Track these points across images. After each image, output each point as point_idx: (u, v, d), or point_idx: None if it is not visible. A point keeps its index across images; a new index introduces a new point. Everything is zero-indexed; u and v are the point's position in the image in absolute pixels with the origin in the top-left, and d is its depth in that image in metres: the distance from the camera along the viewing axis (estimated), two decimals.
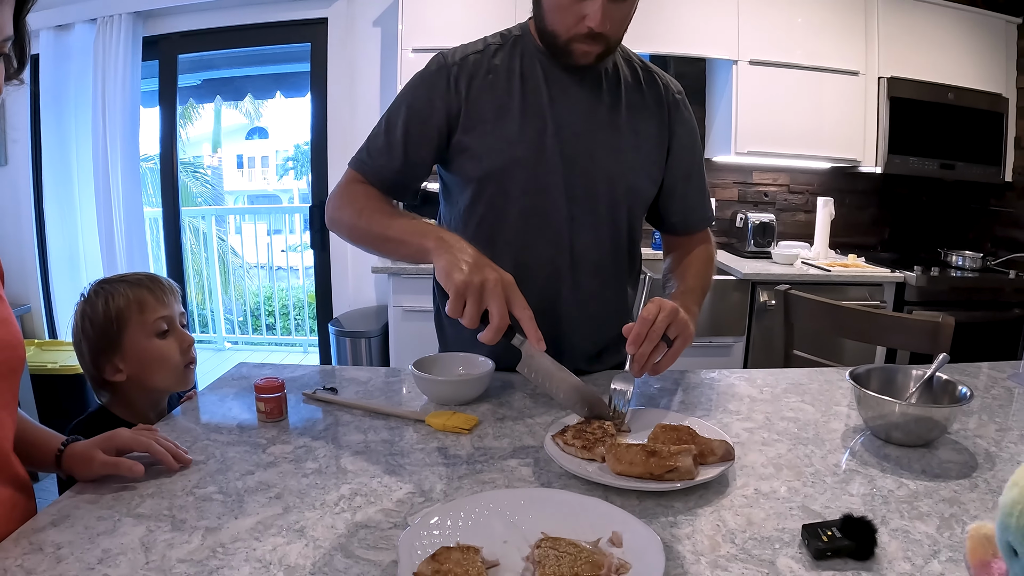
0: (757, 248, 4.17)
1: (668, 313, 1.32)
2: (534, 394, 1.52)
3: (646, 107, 1.65)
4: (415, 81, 1.59)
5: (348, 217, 1.54)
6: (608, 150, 1.59)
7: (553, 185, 1.56)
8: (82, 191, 4.56)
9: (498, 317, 1.17)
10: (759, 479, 1.13)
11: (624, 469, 1.08)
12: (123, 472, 1.09)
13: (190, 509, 1.02)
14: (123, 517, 1.00)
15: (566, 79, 1.56)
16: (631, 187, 1.64)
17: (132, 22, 4.26)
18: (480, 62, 1.57)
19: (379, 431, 1.32)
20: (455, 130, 1.56)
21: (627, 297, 1.77)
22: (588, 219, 1.60)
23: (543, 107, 1.54)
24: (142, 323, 1.46)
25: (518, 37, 1.61)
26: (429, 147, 1.57)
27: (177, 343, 1.50)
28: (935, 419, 1.26)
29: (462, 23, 3.53)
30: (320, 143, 4.40)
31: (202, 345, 6.51)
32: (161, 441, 1.15)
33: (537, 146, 1.54)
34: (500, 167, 1.55)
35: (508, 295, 1.19)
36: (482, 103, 1.55)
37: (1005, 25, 4.22)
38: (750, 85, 3.94)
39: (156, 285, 1.52)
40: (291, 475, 1.13)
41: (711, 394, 1.56)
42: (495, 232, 1.59)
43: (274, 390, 1.35)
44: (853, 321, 2.26)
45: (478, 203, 1.59)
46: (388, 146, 1.57)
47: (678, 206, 1.75)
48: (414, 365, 1.47)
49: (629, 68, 1.66)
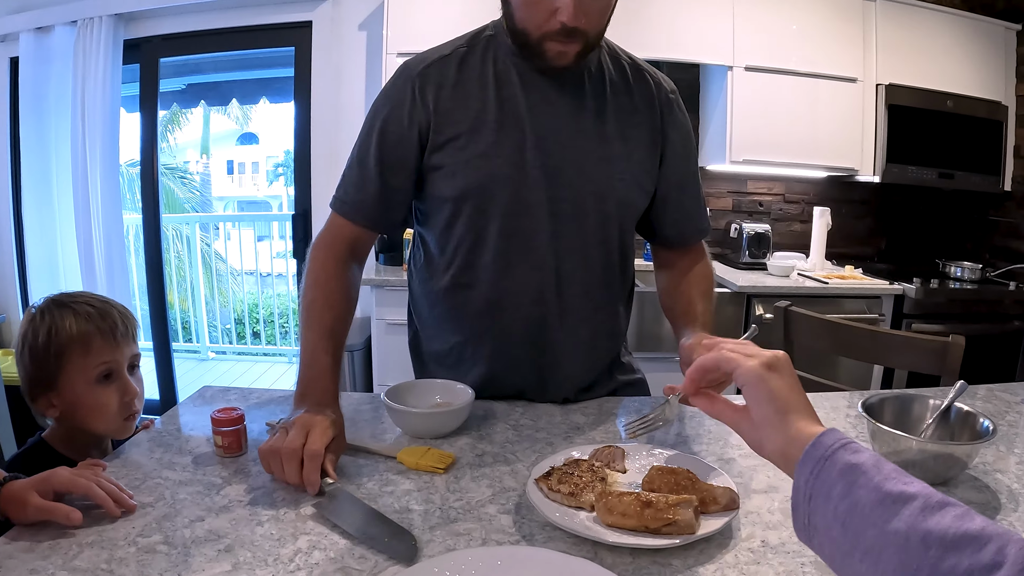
0: (752, 259, 4.07)
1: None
2: (517, 426, 1.41)
3: (636, 110, 1.49)
4: (381, 99, 1.47)
5: (302, 296, 1.41)
6: (595, 161, 1.44)
7: (535, 202, 1.42)
8: (61, 197, 4.45)
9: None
10: (766, 528, 1.02)
11: (616, 521, 0.96)
12: (59, 519, 0.97)
13: (130, 563, 0.91)
14: (57, 571, 0.89)
15: (545, 83, 1.41)
16: (622, 201, 1.49)
17: (113, 24, 4.15)
18: (447, 69, 1.43)
19: (345, 469, 1.20)
20: (425, 146, 1.43)
21: (620, 320, 1.64)
22: (575, 238, 1.46)
23: (521, 116, 1.40)
24: (83, 366, 1.34)
25: (490, 37, 1.46)
26: (408, 171, 1.44)
27: (118, 393, 1.37)
28: (956, 456, 1.15)
29: (448, 27, 3.30)
30: (304, 149, 4.29)
31: (186, 355, 6.40)
32: (103, 484, 1.03)
33: (516, 160, 1.40)
34: (477, 185, 1.41)
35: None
36: (454, 115, 1.41)
37: (1004, 32, 4.16)
38: (745, 92, 3.85)
39: (107, 322, 1.38)
40: (244, 523, 1.01)
41: (709, 424, 1.44)
42: (473, 256, 1.46)
43: (232, 423, 1.23)
44: (857, 340, 2.16)
45: (455, 225, 1.46)
46: (363, 180, 1.45)
47: (672, 216, 1.60)
48: (387, 394, 1.35)
49: (616, 66, 1.51)
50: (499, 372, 1.53)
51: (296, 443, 1.10)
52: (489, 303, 1.47)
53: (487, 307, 1.48)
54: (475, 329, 1.51)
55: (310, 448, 1.10)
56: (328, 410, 1.20)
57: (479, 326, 1.51)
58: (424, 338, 1.65)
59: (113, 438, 1.42)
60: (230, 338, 6.76)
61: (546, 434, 1.37)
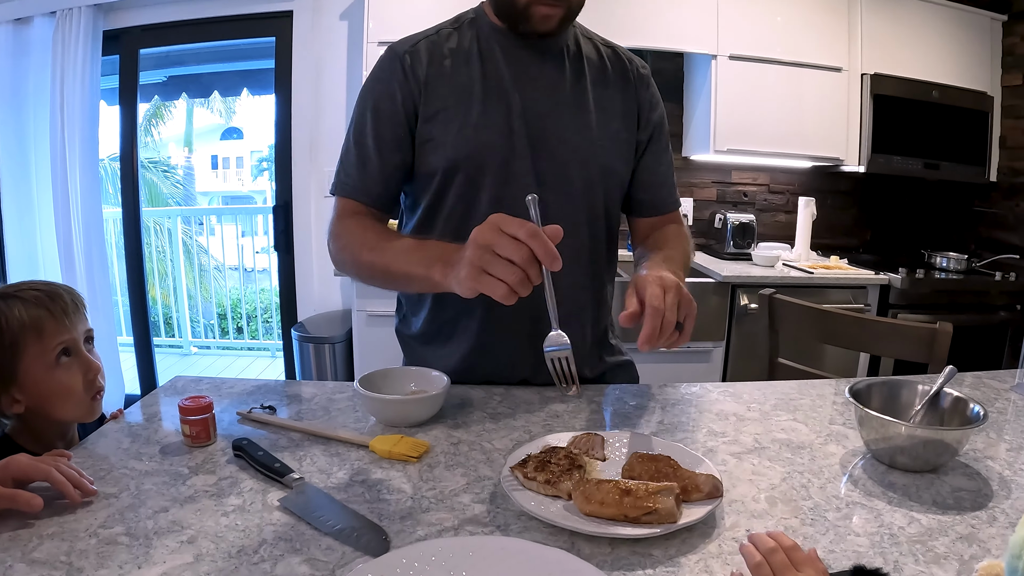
0: (736, 250, 4.05)
1: (675, 293, 1.16)
2: (494, 413, 1.37)
3: (611, 82, 1.55)
4: (370, 82, 1.48)
5: (352, 255, 1.40)
6: (576, 129, 1.48)
7: (522, 171, 1.43)
8: (40, 191, 4.37)
9: (526, 254, 1.03)
10: (751, 517, 0.98)
11: (594, 510, 0.92)
12: (20, 506, 0.94)
13: (90, 555, 0.87)
14: (16, 563, 0.85)
15: (527, 57, 1.46)
16: (604, 167, 1.52)
17: (92, 15, 4.08)
18: (434, 47, 1.46)
19: (316, 458, 1.15)
20: (416, 121, 1.44)
21: (606, 292, 1.64)
22: (562, 206, 1.45)
23: (506, 88, 1.44)
24: (41, 351, 1.28)
25: (472, 19, 1.51)
26: (404, 146, 1.45)
27: (81, 371, 1.32)
28: (946, 442, 1.12)
29: (429, 17, 3.31)
30: (285, 141, 4.23)
31: (168, 350, 6.34)
32: (63, 469, 1.00)
33: (504, 130, 1.43)
34: (467, 155, 1.42)
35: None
36: (441, 89, 1.43)
37: (990, 22, 4.15)
38: (730, 81, 3.82)
39: (56, 303, 1.32)
40: (209, 513, 0.97)
41: (692, 412, 1.41)
42: (463, 227, 1.42)
43: (200, 411, 1.19)
44: (844, 328, 2.13)
45: (444, 196, 1.46)
46: (362, 160, 1.45)
47: (646, 180, 1.62)
48: (360, 382, 1.31)
49: (590, 45, 1.57)
50: (490, 345, 1.52)
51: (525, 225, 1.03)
52: None
53: None
54: (465, 302, 1.48)
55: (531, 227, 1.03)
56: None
57: (469, 299, 1.48)
58: (413, 320, 1.63)
59: (83, 421, 1.37)
60: (213, 333, 6.70)
61: (524, 422, 1.33)
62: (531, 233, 1.01)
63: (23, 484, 0.98)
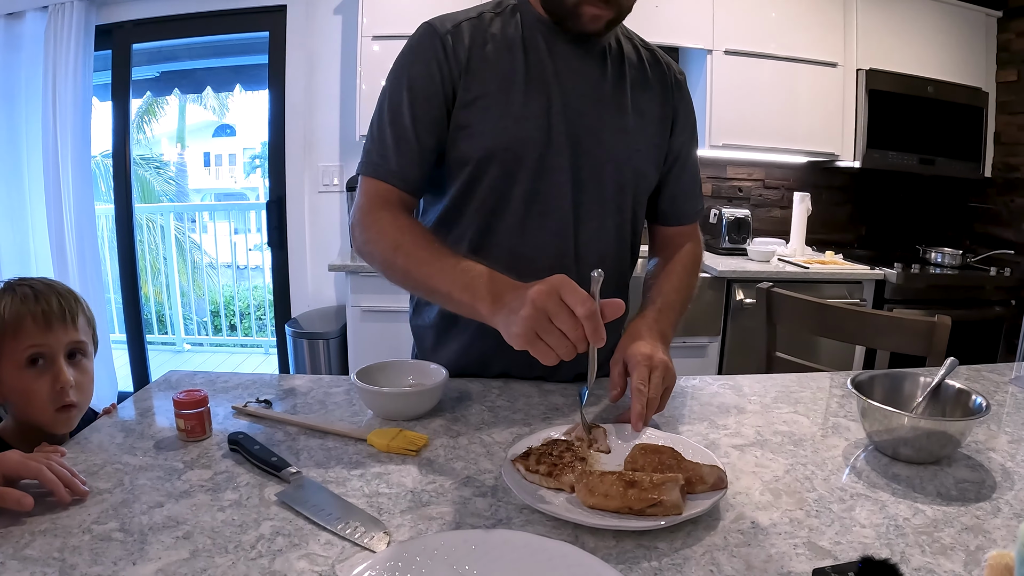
0: (732, 245, 4.06)
1: (660, 372, 1.22)
2: (493, 407, 1.36)
3: (650, 87, 1.52)
4: (407, 57, 1.41)
5: (382, 253, 1.34)
6: (614, 130, 1.45)
7: (558, 167, 1.40)
8: (32, 187, 4.35)
9: (578, 326, 1.00)
10: (756, 509, 0.97)
11: (598, 502, 0.91)
12: (10, 505, 0.92)
13: (84, 551, 0.85)
14: (8, 560, 0.83)
15: (570, 51, 1.42)
16: (637, 171, 1.50)
17: (84, 9, 4.05)
18: (477, 29, 1.41)
19: (313, 452, 1.14)
20: (453, 104, 1.39)
21: (628, 293, 1.63)
22: (594, 206, 1.45)
23: (548, 81, 1.40)
24: (13, 350, 1.28)
25: (515, 6, 1.46)
26: (441, 128, 1.40)
27: (49, 381, 1.30)
28: (949, 433, 1.11)
29: (425, 10, 3.33)
30: (278, 136, 4.22)
31: (161, 348, 6.31)
32: (55, 467, 0.98)
33: (544, 124, 1.39)
34: (505, 146, 1.38)
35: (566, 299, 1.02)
36: (483, 74, 1.38)
37: (986, 18, 4.16)
38: (725, 76, 3.83)
39: (40, 305, 1.31)
40: (205, 508, 0.96)
41: (694, 405, 1.40)
42: (494, 219, 1.43)
43: (195, 405, 1.17)
44: (841, 321, 2.12)
45: (476, 187, 1.42)
46: (398, 140, 1.38)
47: (671, 191, 1.63)
48: (357, 374, 1.29)
49: (631, 46, 1.54)
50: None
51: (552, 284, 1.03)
52: (507, 268, 1.44)
53: (504, 272, 1.44)
54: None
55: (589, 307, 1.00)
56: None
57: None
58: (426, 309, 1.60)
59: (50, 431, 1.33)
60: (206, 330, 6.67)
61: (524, 415, 1.32)
62: (588, 314, 0.99)
63: (14, 482, 0.96)
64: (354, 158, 3.73)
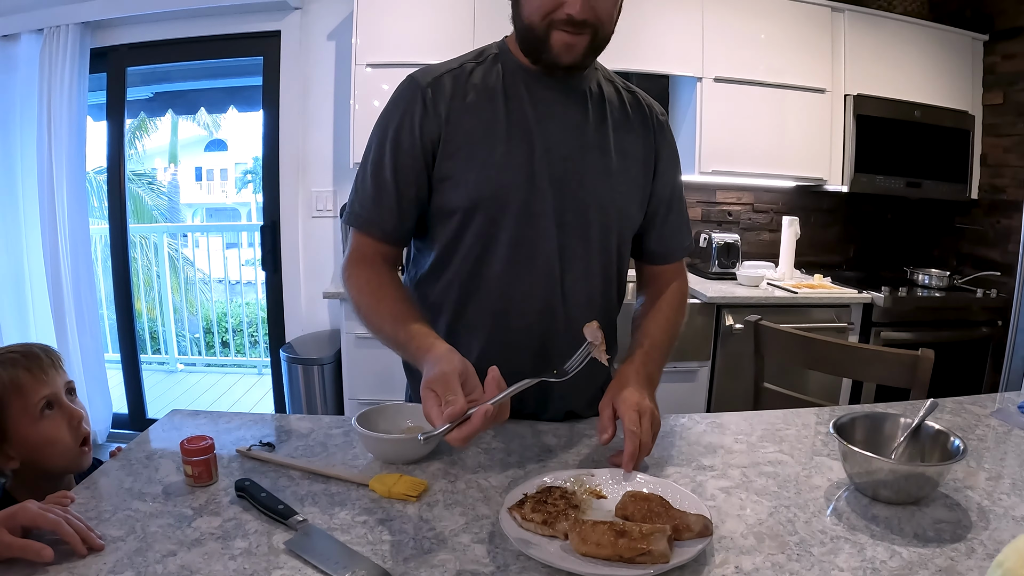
0: (721, 269, 4.08)
1: (648, 417, 1.30)
2: (488, 449, 1.40)
3: (632, 129, 1.55)
4: (390, 112, 1.46)
5: (356, 307, 1.44)
6: (597, 173, 1.48)
7: (543, 212, 1.44)
8: (27, 207, 4.36)
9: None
10: (740, 553, 1.02)
11: (590, 550, 0.95)
12: (31, 557, 0.96)
13: None
14: None
15: (551, 97, 1.46)
16: (621, 211, 1.54)
17: (80, 33, 4.08)
18: (458, 80, 1.45)
19: (317, 499, 1.18)
20: (436, 157, 1.43)
21: (616, 331, 1.66)
22: (579, 248, 1.49)
23: (530, 128, 1.43)
24: (24, 407, 1.35)
25: (496, 55, 1.49)
26: (422, 180, 1.44)
27: (65, 420, 1.38)
28: (927, 476, 1.16)
29: (418, 38, 3.44)
30: (272, 159, 4.24)
31: (155, 368, 6.32)
32: (72, 521, 1.02)
33: (527, 170, 1.42)
34: (489, 195, 1.42)
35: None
36: (464, 125, 1.42)
37: (971, 42, 4.21)
38: (714, 103, 3.87)
39: (33, 362, 1.40)
40: (217, 557, 1.00)
41: (681, 445, 1.44)
42: (482, 265, 1.47)
43: (202, 452, 1.21)
44: (827, 354, 2.17)
45: (463, 234, 1.46)
46: (378, 192, 1.44)
47: (658, 232, 1.65)
48: (358, 419, 1.34)
49: (612, 88, 1.57)
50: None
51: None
52: (495, 315, 1.48)
53: (493, 319, 1.48)
54: (480, 341, 1.50)
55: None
56: (440, 364, 1.18)
57: (484, 339, 1.50)
58: None
59: (73, 471, 1.41)
60: (199, 348, 6.67)
61: (518, 457, 1.36)
62: (449, 416, 1.06)
63: (31, 532, 1.00)
64: (347, 183, 3.75)
